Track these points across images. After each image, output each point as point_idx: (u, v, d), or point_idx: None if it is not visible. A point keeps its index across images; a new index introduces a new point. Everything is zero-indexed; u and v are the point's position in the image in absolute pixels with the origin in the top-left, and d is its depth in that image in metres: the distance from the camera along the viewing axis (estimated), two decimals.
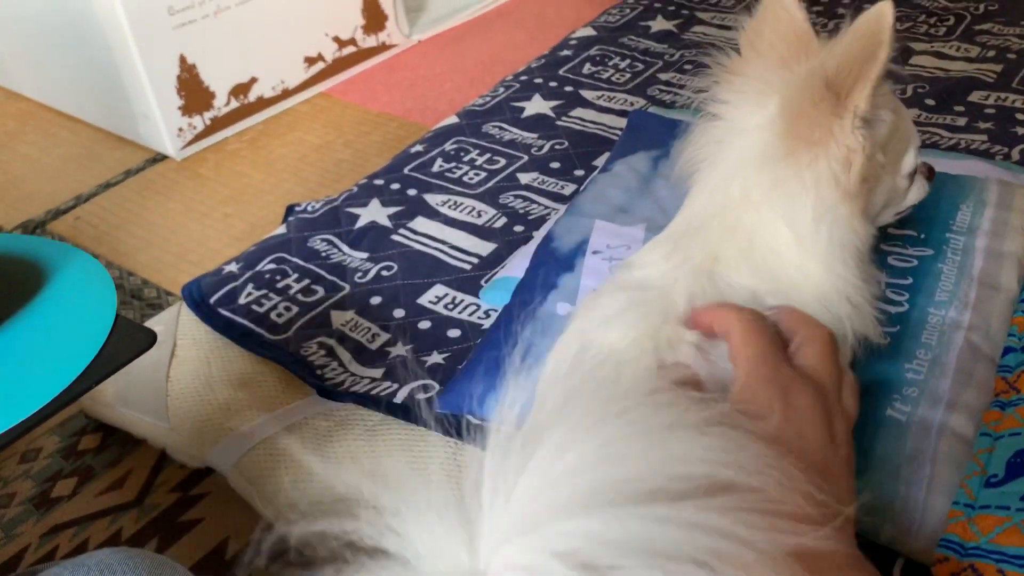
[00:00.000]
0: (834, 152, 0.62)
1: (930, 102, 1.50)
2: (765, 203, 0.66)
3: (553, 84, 1.69)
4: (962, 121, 1.44)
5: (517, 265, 1.17)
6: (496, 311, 1.14)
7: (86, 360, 0.56)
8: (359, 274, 1.24)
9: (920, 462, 0.81)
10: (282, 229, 1.36)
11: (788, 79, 0.66)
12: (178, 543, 0.98)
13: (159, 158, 1.78)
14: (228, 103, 1.81)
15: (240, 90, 1.82)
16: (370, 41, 2.06)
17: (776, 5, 0.69)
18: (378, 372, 1.08)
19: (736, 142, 0.68)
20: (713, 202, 0.70)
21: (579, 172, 1.42)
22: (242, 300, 1.20)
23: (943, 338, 0.92)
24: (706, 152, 0.71)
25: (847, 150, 0.62)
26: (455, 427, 0.99)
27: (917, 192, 0.78)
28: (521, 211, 1.35)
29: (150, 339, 0.59)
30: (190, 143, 1.77)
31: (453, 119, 1.60)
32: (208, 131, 1.79)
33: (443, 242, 1.29)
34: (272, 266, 1.27)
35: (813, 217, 0.65)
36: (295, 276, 1.24)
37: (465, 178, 1.44)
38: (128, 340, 0.58)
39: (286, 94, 1.91)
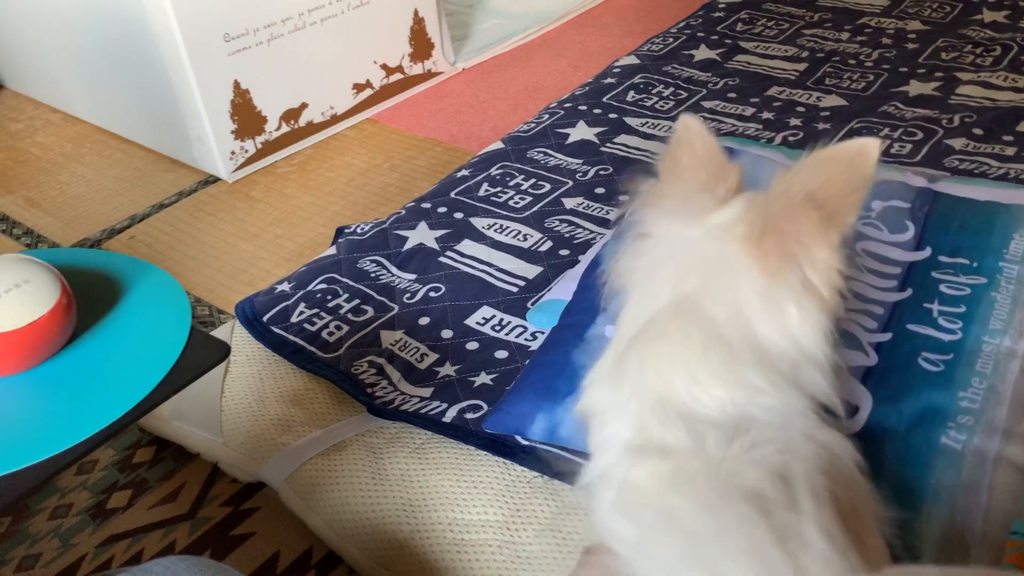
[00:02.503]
0: (817, 265, 0.63)
1: (978, 132, 1.49)
2: (733, 302, 0.64)
3: (597, 111, 1.71)
4: (1011, 151, 1.44)
5: (564, 288, 1.18)
6: (543, 333, 1.15)
7: (163, 371, 0.57)
8: (407, 295, 1.26)
9: (976, 491, 0.80)
10: (332, 250, 1.38)
11: (758, 197, 0.67)
12: (230, 556, 1.00)
13: (211, 180, 1.82)
14: (279, 128, 1.85)
15: (291, 115, 1.87)
16: (417, 69, 2.10)
17: (690, 134, 0.70)
18: (427, 391, 1.10)
19: (678, 254, 0.68)
20: (656, 306, 0.67)
21: (624, 197, 1.43)
22: (294, 319, 1.23)
23: (998, 367, 0.92)
24: (642, 267, 0.70)
25: (829, 266, 0.63)
26: (504, 447, 1.00)
27: (841, 309, 0.79)
28: (567, 235, 1.36)
29: (224, 351, 0.61)
30: (242, 166, 1.81)
31: (499, 144, 1.63)
32: (259, 155, 1.83)
33: (490, 264, 1.31)
34: (323, 286, 1.29)
35: (797, 322, 0.64)
36: (345, 296, 1.27)
37: (511, 202, 1.46)
38: (203, 352, 0.59)
39: (335, 119, 1.95)
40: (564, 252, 1.32)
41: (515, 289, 1.26)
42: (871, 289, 1.04)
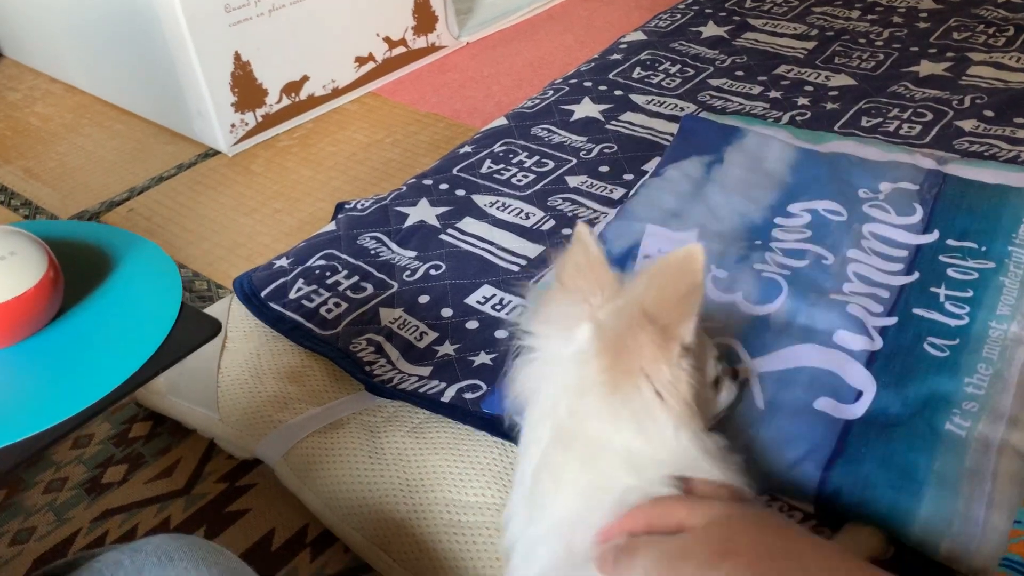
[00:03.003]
0: (660, 379, 0.62)
1: (988, 113, 1.47)
2: (598, 426, 0.63)
3: (603, 88, 1.69)
4: (1022, 133, 1.41)
5: None
6: None
7: (152, 347, 0.56)
8: (407, 272, 1.25)
9: (980, 479, 0.79)
10: (332, 226, 1.37)
11: (601, 312, 0.65)
12: (225, 533, 0.99)
13: (211, 153, 1.80)
14: (280, 100, 1.83)
15: (292, 88, 1.84)
16: (420, 42, 2.07)
17: (577, 241, 0.69)
18: (426, 370, 1.08)
19: (553, 373, 0.67)
20: (542, 436, 0.66)
21: (628, 176, 1.41)
22: (292, 295, 1.22)
23: (1005, 353, 0.90)
24: (529, 386, 0.69)
25: (673, 378, 0.62)
26: (502, 427, 0.99)
27: (728, 394, 0.78)
28: (569, 214, 1.35)
29: (215, 328, 0.60)
30: (242, 139, 1.79)
31: (502, 121, 1.61)
32: (259, 128, 1.81)
33: (491, 243, 1.29)
34: (322, 262, 1.28)
35: (658, 431, 0.63)
36: (344, 273, 1.25)
37: (514, 180, 1.44)
38: (194, 328, 0.58)
39: (336, 93, 1.93)
40: (567, 231, 1.31)
41: (516, 268, 1.24)
42: (877, 272, 1.02)
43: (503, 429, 0.98)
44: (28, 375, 0.57)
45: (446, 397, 1.03)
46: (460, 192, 1.41)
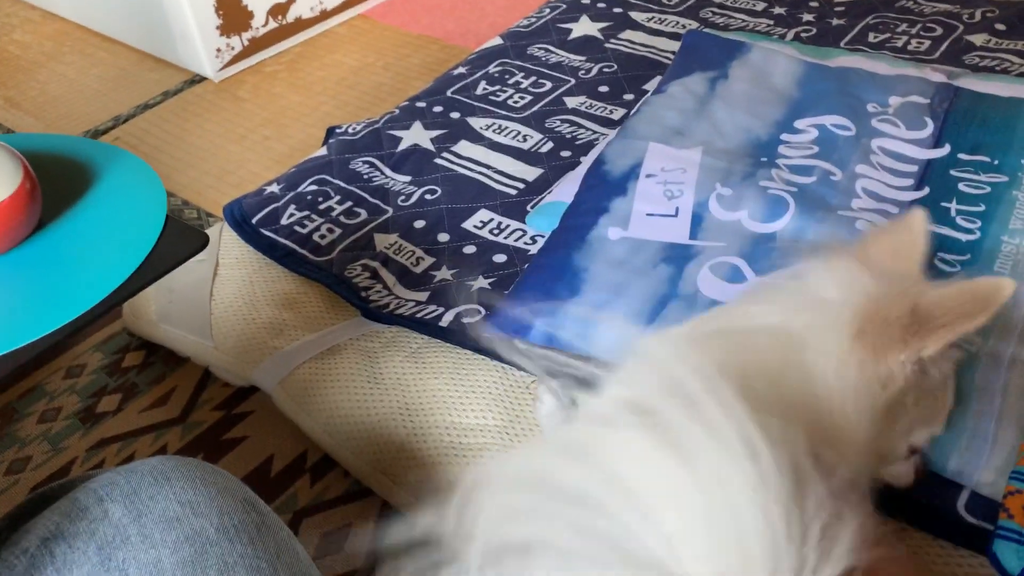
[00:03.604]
0: (883, 369, 0.61)
1: (1000, 27, 1.42)
2: (824, 358, 0.62)
3: (601, 5, 1.63)
4: None
5: (565, 190, 1.13)
6: (542, 237, 1.10)
7: (137, 260, 0.54)
8: (402, 197, 1.21)
9: (990, 394, 0.78)
10: (323, 151, 1.33)
11: (880, 286, 0.64)
12: (222, 460, 0.98)
13: (197, 80, 1.75)
14: (266, 23, 1.77)
15: (278, 10, 1.78)
16: None
17: (909, 224, 0.69)
18: (423, 296, 1.06)
19: (811, 298, 0.66)
20: (767, 319, 0.66)
21: (628, 96, 1.37)
22: (284, 221, 1.18)
23: (1017, 268, 0.88)
24: (771, 288, 0.69)
25: (891, 375, 0.61)
26: (502, 351, 0.97)
27: (903, 473, 0.72)
28: (568, 136, 1.31)
29: (202, 240, 0.57)
30: (228, 64, 1.74)
31: (497, 41, 1.55)
32: (246, 52, 1.76)
33: (488, 166, 1.26)
34: (314, 188, 1.24)
35: (849, 404, 0.61)
36: (337, 198, 1.22)
37: (510, 101, 1.39)
38: (179, 241, 0.56)
39: (324, 15, 1.86)
40: (565, 153, 1.27)
41: (514, 192, 1.21)
42: (886, 188, 1.00)
43: (502, 352, 0.97)
44: (8, 289, 0.55)
45: (444, 322, 1.01)
46: (455, 115, 1.37)
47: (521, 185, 1.22)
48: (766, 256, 0.94)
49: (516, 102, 1.39)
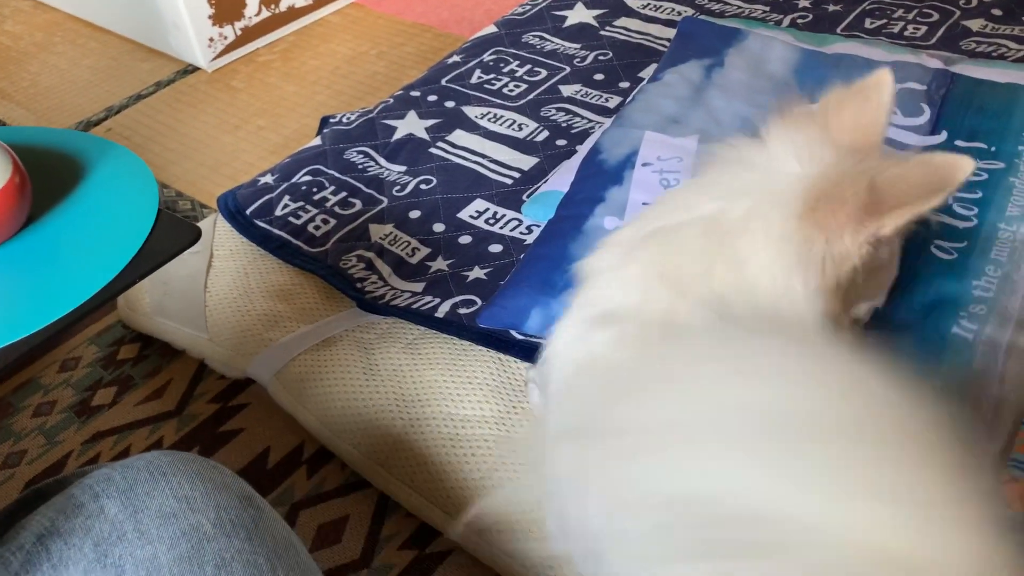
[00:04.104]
0: (836, 247, 0.60)
1: (996, 12, 1.41)
2: (762, 242, 0.62)
3: None
4: None
5: (561, 179, 1.13)
6: (538, 226, 1.10)
7: (129, 254, 0.53)
8: (397, 187, 1.21)
9: (987, 381, 0.78)
10: (317, 141, 1.32)
11: (839, 161, 0.62)
12: (218, 453, 0.98)
13: (190, 70, 1.73)
14: (259, 12, 1.75)
15: None
16: None
17: (872, 91, 0.67)
18: (418, 286, 1.06)
19: (761, 174, 0.65)
20: (703, 208, 0.66)
21: (624, 84, 1.36)
22: (278, 212, 1.18)
23: (1014, 255, 0.88)
24: (723, 163, 0.68)
25: (845, 254, 0.60)
26: (499, 342, 0.97)
27: (867, 305, 0.73)
28: (563, 124, 1.30)
29: (194, 233, 0.57)
30: (221, 54, 1.72)
31: (492, 29, 1.54)
32: (239, 42, 1.74)
33: (483, 156, 1.25)
34: (308, 178, 1.23)
35: (794, 283, 0.62)
36: (332, 188, 1.21)
37: (505, 90, 1.38)
38: (172, 235, 0.55)
39: (318, 4, 1.85)
40: (561, 142, 1.26)
41: (510, 181, 1.20)
42: None
43: (499, 343, 0.96)
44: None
45: (440, 312, 1.01)
46: (450, 104, 1.36)
47: (516, 174, 1.21)
48: None
49: (511, 90, 1.38)
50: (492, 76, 1.42)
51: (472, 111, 1.34)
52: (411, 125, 1.32)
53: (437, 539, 0.87)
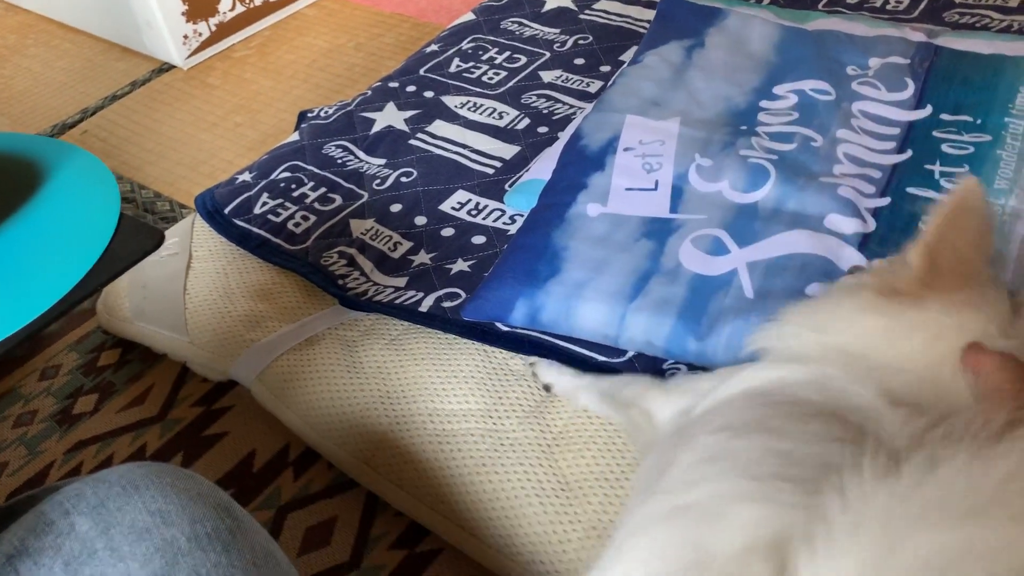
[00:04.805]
0: None
1: None
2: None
3: None
4: (1014, 1, 1.34)
5: (543, 167, 1.11)
6: (522, 216, 1.08)
7: (90, 261, 0.51)
8: (377, 181, 1.19)
9: None
10: (295, 136, 1.30)
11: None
12: (203, 457, 0.96)
13: (166, 68, 1.71)
14: (233, 8, 1.73)
15: None
16: None
17: (967, 202, 0.54)
18: (401, 281, 1.04)
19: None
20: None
21: (605, 68, 1.34)
22: (257, 210, 1.16)
23: (1003, 229, 0.87)
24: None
25: None
26: (484, 334, 0.95)
27: None
28: (545, 111, 1.28)
29: (157, 237, 0.55)
30: (196, 51, 1.70)
31: (469, 16, 1.52)
32: (214, 38, 1.72)
33: (464, 146, 1.23)
34: (287, 174, 1.21)
35: None
36: (311, 184, 1.19)
37: (484, 78, 1.36)
38: (134, 239, 0.53)
39: None
40: (543, 129, 1.25)
41: (491, 171, 1.18)
42: (868, 152, 0.98)
43: (485, 335, 0.95)
44: None
45: (424, 307, 0.99)
46: (428, 94, 1.34)
47: (498, 164, 1.19)
48: (747, 225, 0.92)
49: (491, 78, 1.36)
50: (471, 64, 1.39)
51: (451, 100, 1.32)
52: (390, 117, 1.30)
53: (427, 537, 0.85)
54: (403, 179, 1.19)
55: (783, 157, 0.98)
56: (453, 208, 1.13)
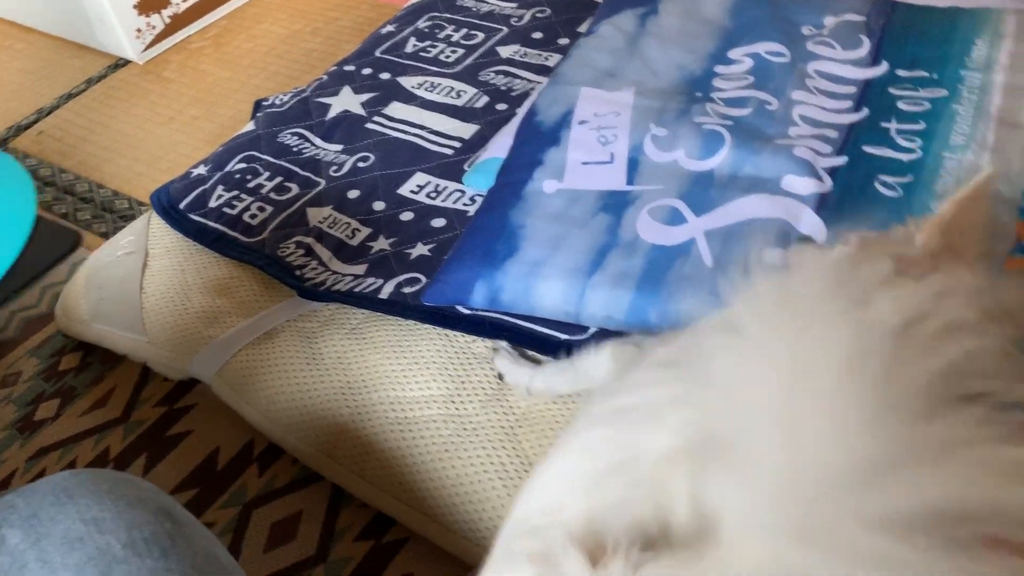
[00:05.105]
0: None
1: None
2: None
3: None
4: None
5: (501, 145, 1.09)
6: (482, 196, 1.07)
7: (5, 265, 0.49)
8: (334, 167, 1.17)
9: None
10: (250, 126, 1.28)
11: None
12: (167, 457, 0.95)
13: (121, 63, 1.67)
14: None
15: None
16: None
17: (978, 196, 0.58)
18: (360, 268, 1.02)
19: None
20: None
21: (563, 41, 1.32)
22: (213, 203, 1.14)
23: (960, 184, 0.85)
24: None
25: None
26: (445, 318, 0.94)
27: None
28: (503, 88, 1.26)
29: (73, 240, 0.53)
30: (151, 45, 1.66)
31: None
32: (169, 30, 1.68)
33: (422, 127, 1.21)
34: (242, 165, 1.19)
35: None
36: (267, 175, 1.17)
37: (441, 57, 1.34)
38: (51, 242, 0.51)
39: None
40: (501, 106, 1.23)
41: (450, 151, 1.17)
42: (824, 112, 0.96)
43: (446, 320, 0.93)
44: None
45: (384, 294, 0.97)
46: (385, 76, 1.32)
47: (457, 144, 1.18)
48: (704, 193, 0.91)
49: (448, 57, 1.34)
50: (428, 43, 1.37)
51: (408, 81, 1.30)
52: (346, 101, 1.28)
53: (393, 527, 0.84)
54: (360, 164, 1.17)
55: (738, 122, 0.96)
56: (412, 191, 1.11)
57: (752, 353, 0.42)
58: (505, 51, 1.33)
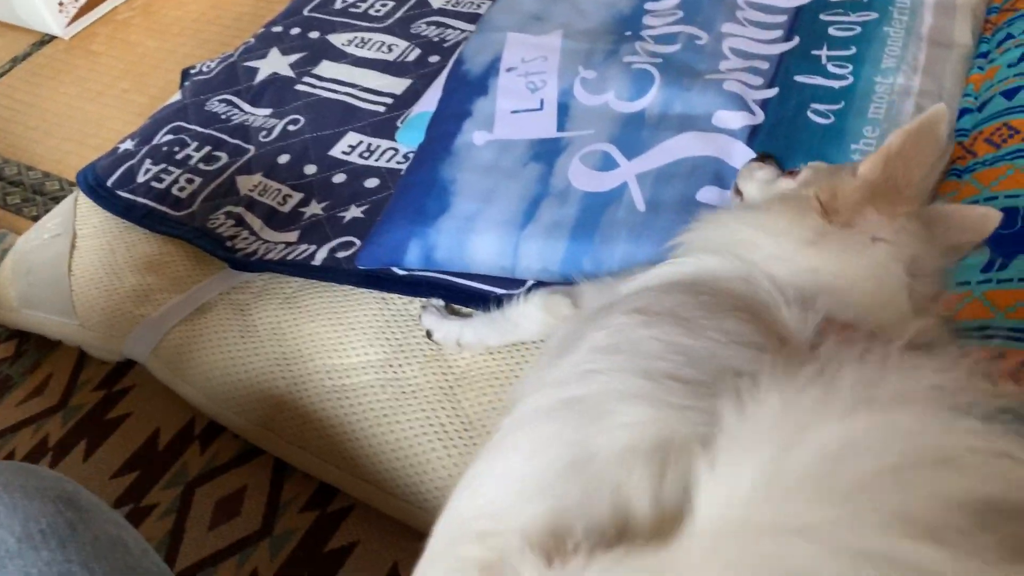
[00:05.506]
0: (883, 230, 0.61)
1: None
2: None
3: None
4: None
5: (432, 98, 1.06)
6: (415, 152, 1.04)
7: None
8: (263, 133, 1.13)
9: None
10: (177, 96, 1.23)
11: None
12: (107, 441, 0.93)
13: (46, 40, 1.61)
14: None
15: None
16: None
17: (932, 128, 0.60)
18: (293, 236, 1.00)
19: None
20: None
21: None
22: (141, 178, 1.10)
23: (892, 108, 0.83)
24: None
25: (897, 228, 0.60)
26: (381, 281, 0.92)
27: None
28: (436, 39, 1.22)
29: None
30: (76, 18, 1.60)
31: None
32: (94, 2, 1.62)
33: (353, 85, 1.17)
34: (169, 137, 1.15)
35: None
36: (195, 145, 1.13)
37: (371, 11, 1.30)
38: None
39: None
40: (434, 59, 1.19)
41: (382, 108, 1.13)
42: (755, 44, 0.94)
43: (382, 283, 0.91)
44: None
45: (317, 260, 0.95)
46: (314, 35, 1.27)
47: (389, 100, 1.14)
48: (635, 135, 0.88)
49: (378, 11, 1.30)
50: None
51: (338, 39, 1.26)
52: (274, 63, 1.24)
53: (337, 496, 0.83)
54: (290, 127, 1.13)
55: (668, 60, 0.94)
56: (344, 152, 1.08)
57: None
58: (437, 0, 1.29)
